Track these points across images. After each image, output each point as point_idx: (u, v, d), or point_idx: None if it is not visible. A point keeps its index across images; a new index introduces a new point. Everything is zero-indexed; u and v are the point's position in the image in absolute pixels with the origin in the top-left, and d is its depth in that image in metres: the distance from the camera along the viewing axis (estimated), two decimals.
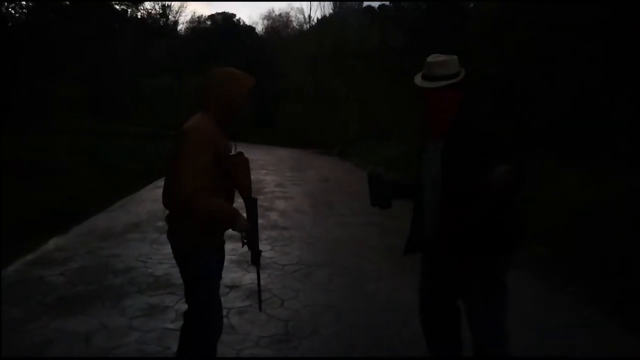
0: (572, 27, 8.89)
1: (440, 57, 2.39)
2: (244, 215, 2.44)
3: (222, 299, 3.58)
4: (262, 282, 2.76)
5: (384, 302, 4.19)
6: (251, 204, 2.48)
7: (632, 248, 4.74)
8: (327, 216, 7.57)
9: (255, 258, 2.56)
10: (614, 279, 4.54)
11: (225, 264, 2.70)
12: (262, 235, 6.16)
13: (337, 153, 18.80)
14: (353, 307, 4.07)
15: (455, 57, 2.41)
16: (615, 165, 7.22)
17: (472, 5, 15.50)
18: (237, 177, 2.42)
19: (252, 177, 2.57)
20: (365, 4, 30.33)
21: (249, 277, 4.54)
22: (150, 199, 8.41)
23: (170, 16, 32.16)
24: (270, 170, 12.55)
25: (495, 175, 2.08)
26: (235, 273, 4.68)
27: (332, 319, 3.83)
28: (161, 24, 29.91)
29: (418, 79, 2.42)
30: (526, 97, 9.93)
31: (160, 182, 8.79)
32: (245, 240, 2.46)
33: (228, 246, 2.71)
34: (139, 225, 6.51)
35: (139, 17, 27.22)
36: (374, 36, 16.89)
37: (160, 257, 5.11)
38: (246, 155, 2.50)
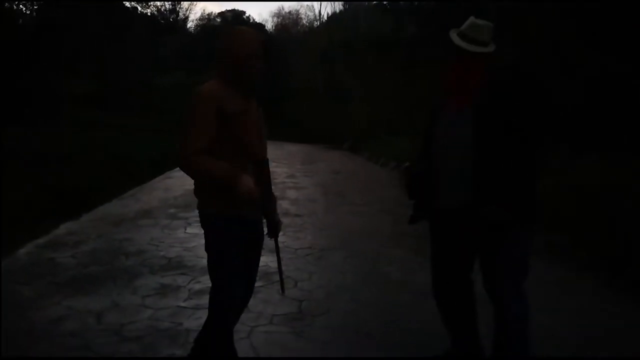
0: (589, 15, 8.74)
1: (488, 22, 2.31)
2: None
3: None
4: (274, 264, 2.66)
5: (399, 283, 4.11)
6: (261, 167, 2.31)
7: None
8: (339, 205, 7.49)
9: (273, 229, 2.42)
10: (634, 265, 4.42)
11: None
12: None
13: (347, 147, 18.68)
14: (367, 288, 4.00)
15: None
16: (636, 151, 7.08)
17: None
18: (242, 138, 2.27)
19: None
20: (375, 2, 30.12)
21: (263, 259, 4.45)
22: (162, 187, 8.39)
23: (180, 14, 32.26)
24: (282, 163, 12.48)
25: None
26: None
27: (346, 299, 3.76)
28: (171, 21, 30.07)
29: (457, 39, 2.31)
30: (546, 86, 9.77)
31: (172, 173, 8.78)
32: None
33: None
34: (150, 212, 6.47)
35: (149, 14, 27.45)
36: (385, 29, 16.75)
37: (171, 241, 5.07)
38: None
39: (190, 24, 35.06)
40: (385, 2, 16.35)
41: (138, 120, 18.67)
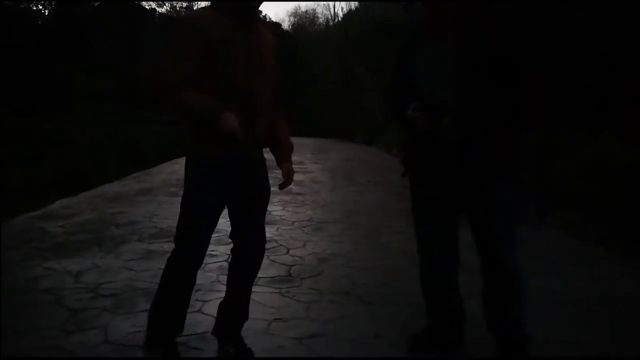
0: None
1: None
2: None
3: (221, 245, 3.37)
4: (268, 235, 2.42)
5: (398, 250, 3.88)
6: (253, 103, 2.02)
7: None
8: (345, 185, 7.29)
9: (284, 178, 2.16)
10: None
11: None
12: (274, 198, 5.95)
13: (362, 140, 18.45)
14: (364, 255, 3.79)
15: None
16: None
17: None
18: (226, 70, 1.97)
19: (269, 156, 2.19)
20: None
21: None
22: (167, 171, 8.28)
23: None
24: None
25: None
26: None
27: (340, 264, 3.56)
28: None
29: None
30: (555, 66, 9.44)
31: (181, 160, 8.70)
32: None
33: None
34: (151, 190, 6.36)
35: (165, 12, 27.64)
36: (397, 18, 16.49)
37: (166, 214, 4.93)
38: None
39: None
40: None
41: (152, 114, 18.72)
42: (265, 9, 74.18)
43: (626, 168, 5.71)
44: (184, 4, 31.09)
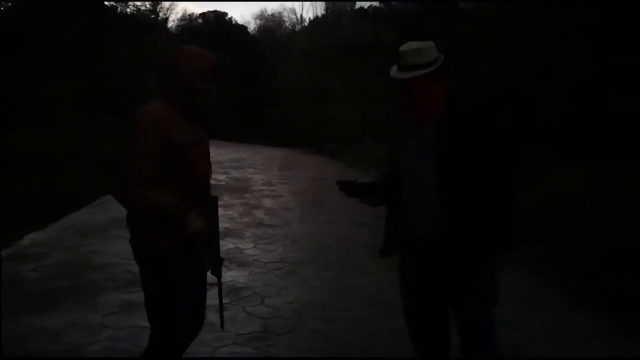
0: (566, 27, 8.90)
1: (414, 45, 2.22)
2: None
3: None
4: (242, 279, 2.62)
5: (369, 297, 4.08)
6: (209, 204, 2.17)
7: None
8: (314, 214, 7.45)
9: (216, 267, 2.26)
10: (608, 279, 4.46)
11: None
12: (246, 233, 6.08)
13: (328, 153, 18.63)
14: (337, 304, 3.97)
15: (432, 43, 2.23)
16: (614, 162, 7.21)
17: (463, 6, 15.53)
18: (191, 171, 2.09)
19: (239, 175, 2.37)
20: (358, 4, 30.35)
21: (229, 275, 4.40)
22: None
23: (160, 14, 31.91)
24: (259, 169, 12.40)
25: None
26: None
27: (314, 315, 3.73)
28: (151, 20, 29.75)
29: (393, 70, 2.24)
30: (523, 95, 9.91)
31: None
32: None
33: None
34: (123, 221, 6.33)
35: (129, 13, 27.10)
36: (366, 35, 16.81)
37: None
38: (234, 154, 2.30)
39: (171, 24, 34.75)
40: (366, 8, 16.47)
41: (122, 122, 18.28)
42: (231, 11, 73.68)
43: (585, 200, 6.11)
44: (148, 5, 30.60)
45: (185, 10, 59.60)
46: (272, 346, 3.23)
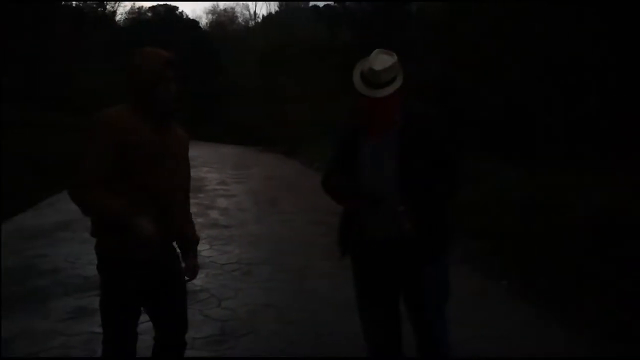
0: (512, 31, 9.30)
1: (386, 62, 2.23)
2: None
3: None
4: (199, 282, 2.63)
5: (325, 298, 4.16)
6: (169, 208, 2.13)
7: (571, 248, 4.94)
8: (269, 214, 7.47)
9: (191, 274, 2.38)
10: (545, 275, 4.73)
11: None
12: (202, 234, 5.99)
13: (283, 151, 18.63)
14: (293, 305, 4.02)
15: (395, 56, 2.29)
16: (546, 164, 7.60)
17: (415, 8, 15.89)
18: (143, 175, 2.02)
19: (194, 174, 2.36)
20: (311, 3, 30.42)
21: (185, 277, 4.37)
22: None
23: (108, 6, 30.83)
24: (213, 167, 12.28)
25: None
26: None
27: (271, 317, 3.77)
28: (98, 13, 28.71)
29: (361, 87, 2.25)
30: (465, 97, 10.26)
31: None
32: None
33: None
34: (70, 224, 6.15)
35: (74, 5, 26.03)
36: (320, 34, 16.91)
37: (90, 258, 4.82)
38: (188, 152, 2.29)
39: (119, 17, 33.66)
40: (320, 7, 16.56)
41: (60, 118, 17.59)
42: (182, 5, 71.92)
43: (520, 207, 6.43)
44: None
45: (134, 4, 57.78)
46: (231, 349, 3.25)
